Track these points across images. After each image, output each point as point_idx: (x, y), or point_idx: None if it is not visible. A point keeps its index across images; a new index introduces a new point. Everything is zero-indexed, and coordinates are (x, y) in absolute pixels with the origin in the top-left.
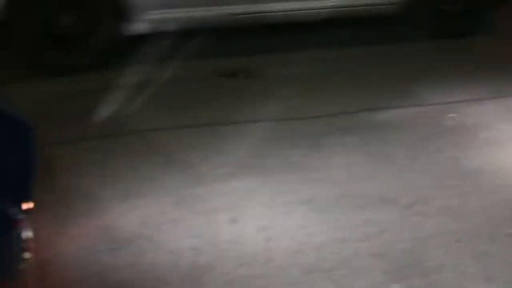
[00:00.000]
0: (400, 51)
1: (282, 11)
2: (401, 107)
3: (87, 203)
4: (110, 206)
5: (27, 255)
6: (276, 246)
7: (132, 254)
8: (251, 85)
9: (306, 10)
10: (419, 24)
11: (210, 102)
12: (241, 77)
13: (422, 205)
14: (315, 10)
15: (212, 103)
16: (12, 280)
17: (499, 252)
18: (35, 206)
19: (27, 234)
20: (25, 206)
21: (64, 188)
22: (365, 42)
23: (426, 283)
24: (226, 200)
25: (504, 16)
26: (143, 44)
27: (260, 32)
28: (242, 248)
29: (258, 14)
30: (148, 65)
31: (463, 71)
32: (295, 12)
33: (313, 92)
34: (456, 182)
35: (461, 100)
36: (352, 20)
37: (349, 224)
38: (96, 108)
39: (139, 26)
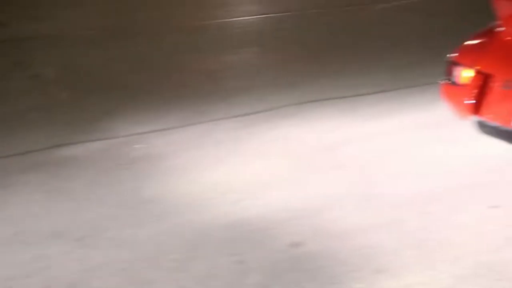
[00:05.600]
0: None
1: None
2: (89, 142)
3: None
4: None
5: None
6: None
7: None
8: None
9: None
10: None
11: None
12: None
13: (93, 237)
14: None
15: None
16: None
17: (171, 277)
18: None
19: None
20: None
21: None
22: None
23: None
24: None
25: None
26: None
27: None
28: None
29: None
30: None
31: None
32: None
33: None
34: (132, 212)
35: (150, 130)
36: None
37: (18, 262)
38: None
39: None
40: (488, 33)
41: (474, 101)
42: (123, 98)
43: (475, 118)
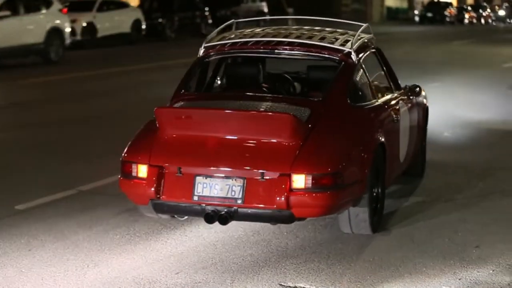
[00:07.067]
0: None
1: None
2: None
3: None
4: None
5: None
6: None
7: None
8: None
9: None
10: None
11: None
12: None
13: None
14: None
15: None
16: None
17: None
18: None
19: None
20: None
21: None
22: None
23: None
24: None
25: None
26: None
27: None
28: None
29: None
30: None
31: None
32: None
33: None
34: None
35: None
36: None
37: None
38: None
39: None
40: (149, 134)
41: (153, 188)
42: None
43: (154, 201)
